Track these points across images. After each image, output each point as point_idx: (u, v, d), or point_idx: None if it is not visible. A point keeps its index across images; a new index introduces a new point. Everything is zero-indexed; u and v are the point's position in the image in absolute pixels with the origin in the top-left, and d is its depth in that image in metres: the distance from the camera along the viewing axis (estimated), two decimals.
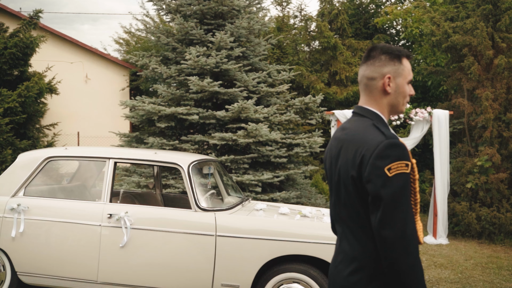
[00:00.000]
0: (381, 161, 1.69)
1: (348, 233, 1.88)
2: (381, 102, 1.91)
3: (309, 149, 8.36)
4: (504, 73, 8.10)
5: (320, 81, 12.83)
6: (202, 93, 8.03)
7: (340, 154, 1.88)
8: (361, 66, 1.96)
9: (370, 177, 1.70)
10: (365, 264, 1.79)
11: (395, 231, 1.66)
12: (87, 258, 4.21)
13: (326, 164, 2.03)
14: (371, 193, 1.71)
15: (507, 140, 8.06)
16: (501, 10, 8.29)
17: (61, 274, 4.24)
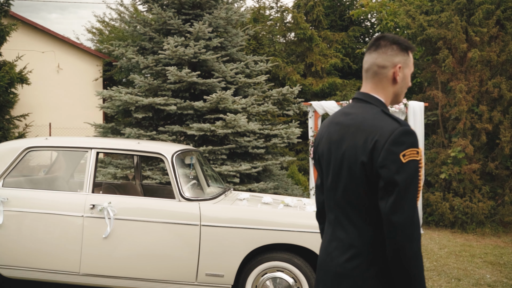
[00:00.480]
0: (396, 147, 1.72)
1: (344, 220, 1.88)
2: (387, 90, 1.94)
3: (286, 140, 8.40)
4: (477, 66, 8.30)
5: (296, 72, 12.88)
6: (179, 84, 7.97)
7: (344, 139, 1.87)
8: (370, 54, 1.95)
9: (385, 162, 1.72)
10: (363, 250, 1.81)
11: (405, 216, 1.69)
12: (69, 250, 4.15)
13: (321, 149, 2.00)
14: (384, 179, 1.72)
15: (480, 131, 8.27)
16: (474, 4, 8.47)
17: (42, 266, 4.17)
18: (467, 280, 5.51)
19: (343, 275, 1.84)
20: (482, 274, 5.78)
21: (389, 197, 1.71)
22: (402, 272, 1.71)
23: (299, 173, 10.93)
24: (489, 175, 8.53)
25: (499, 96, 8.23)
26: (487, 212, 8.02)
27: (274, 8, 15.10)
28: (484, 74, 8.34)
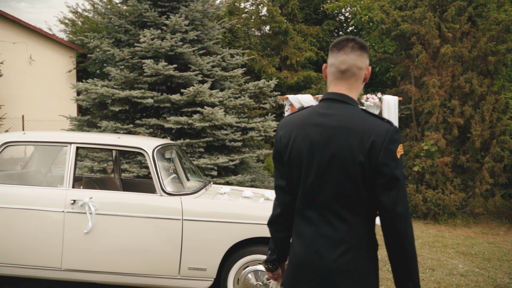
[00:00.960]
0: (393, 145, 1.85)
1: (331, 217, 1.92)
2: (358, 90, 2.04)
3: (263, 133, 8.47)
4: (450, 62, 8.49)
5: (271, 65, 12.93)
6: (156, 77, 7.93)
7: (332, 140, 1.91)
8: (348, 55, 2.00)
9: (386, 160, 1.83)
10: (355, 244, 1.90)
11: (405, 206, 1.86)
12: (50, 245, 4.12)
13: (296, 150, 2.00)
14: (387, 176, 1.83)
15: (452, 125, 8.49)
16: (447, 1, 8.65)
17: (23, 262, 4.12)
18: (441, 270, 5.69)
19: (337, 271, 1.90)
20: (455, 264, 5.96)
21: (392, 191, 1.84)
22: (406, 254, 1.88)
23: None
24: (461, 168, 8.77)
25: (471, 91, 8.45)
26: (458, 203, 8.26)
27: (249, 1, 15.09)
28: (456, 70, 8.54)
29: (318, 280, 1.94)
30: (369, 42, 12.42)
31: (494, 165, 8.29)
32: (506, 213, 9.45)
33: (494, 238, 7.48)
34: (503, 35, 8.45)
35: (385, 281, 5.28)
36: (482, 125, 8.32)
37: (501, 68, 8.50)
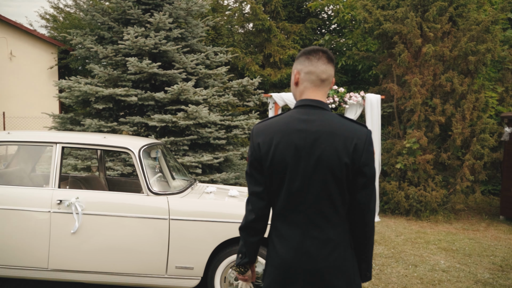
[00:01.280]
0: (371, 147, 2.05)
1: (318, 218, 2.02)
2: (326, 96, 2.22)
3: (247, 131, 8.50)
4: (431, 61, 8.61)
5: (254, 63, 12.95)
6: (140, 74, 7.90)
7: (317, 144, 2.00)
8: (326, 65, 2.15)
9: (367, 161, 2.02)
10: (340, 241, 2.04)
11: (374, 202, 2.10)
12: (36, 246, 4.10)
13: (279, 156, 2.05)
14: (367, 175, 2.03)
15: (433, 123, 8.62)
16: (429, 1, 8.76)
17: (9, 263, 4.09)
18: (423, 266, 5.79)
19: (328, 268, 2.02)
20: (437, 260, 6.08)
21: (367, 189, 2.05)
22: (371, 243, 2.15)
23: None
24: (442, 165, 8.92)
25: (452, 90, 8.59)
26: (440, 200, 8.41)
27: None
28: (438, 69, 8.67)
29: (310, 279, 2.02)
30: (352, 41, 12.51)
31: (474, 162, 8.44)
32: (486, 209, 9.65)
33: (475, 233, 7.64)
34: (483, 35, 8.60)
35: None
36: (463, 123, 8.46)
37: (481, 67, 8.65)
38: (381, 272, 5.54)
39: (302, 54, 2.19)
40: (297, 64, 2.20)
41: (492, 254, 6.44)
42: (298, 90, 2.19)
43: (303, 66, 2.17)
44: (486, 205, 10.18)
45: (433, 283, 5.20)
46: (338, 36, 14.06)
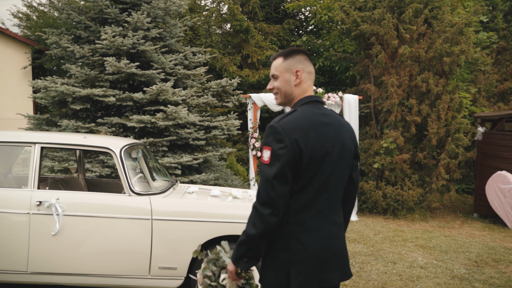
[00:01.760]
0: None
1: (336, 204, 2.28)
2: None
3: (227, 132, 8.50)
4: (407, 62, 8.76)
5: (232, 63, 12.95)
6: (118, 75, 7.82)
7: (339, 136, 2.24)
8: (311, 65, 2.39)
9: (357, 147, 2.39)
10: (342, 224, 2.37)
11: None
12: (15, 249, 4.02)
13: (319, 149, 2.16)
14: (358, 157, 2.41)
15: (410, 124, 8.77)
16: (405, 3, 8.91)
17: None
18: (402, 263, 5.89)
19: (343, 248, 2.31)
20: (415, 257, 6.19)
21: (357, 169, 2.42)
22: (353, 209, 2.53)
23: (237, 164, 11.06)
24: (418, 165, 9.08)
25: (427, 90, 8.75)
26: (416, 199, 8.56)
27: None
28: (414, 70, 8.82)
29: (337, 262, 2.23)
30: (329, 42, 12.62)
31: (449, 161, 8.62)
32: (460, 207, 9.86)
33: (450, 231, 7.80)
34: (457, 37, 8.79)
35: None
36: (438, 123, 8.63)
37: (455, 68, 8.84)
38: (361, 269, 5.61)
39: (300, 53, 2.33)
40: (296, 63, 2.30)
41: (467, 251, 6.59)
42: (301, 88, 2.33)
43: (304, 66, 2.33)
44: (460, 203, 10.40)
45: (412, 280, 5.30)
46: (315, 37, 14.16)
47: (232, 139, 12.96)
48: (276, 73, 2.34)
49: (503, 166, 8.46)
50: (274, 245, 2.18)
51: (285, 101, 2.38)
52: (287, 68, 2.31)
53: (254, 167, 9.13)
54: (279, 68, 2.33)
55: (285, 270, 2.15)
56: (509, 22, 11.83)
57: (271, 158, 2.11)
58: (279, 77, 2.33)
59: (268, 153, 2.13)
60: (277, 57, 2.37)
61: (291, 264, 2.15)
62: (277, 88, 2.35)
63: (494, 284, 5.23)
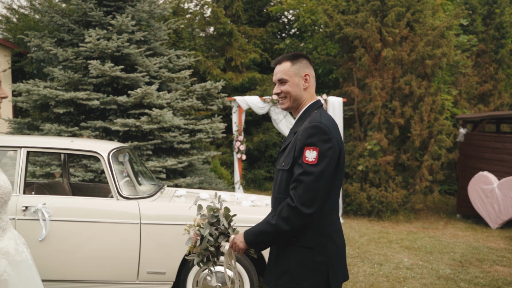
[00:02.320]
0: None
1: None
2: None
3: (211, 135, 8.48)
4: (391, 65, 8.86)
5: (216, 67, 12.94)
6: (102, 78, 7.75)
7: None
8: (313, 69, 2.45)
9: None
10: None
11: None
12: None
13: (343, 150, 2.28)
14: None
15: (393, 126, 8.86)
16: (387, 6, 9.01)
17: None
18: (388, 264, 5.94)
19: None
20: (400, 258, 6.25)
21: None
22: None
23: (221, 167, 11.04)
24: (402, 166, 9.17)
25: (410, 92, 8.86)
26: (400, 200, 8.64)
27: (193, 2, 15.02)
28: (397, 72, 8.92)
29: None
30: (312, 45, 12.69)
31: (432, 163, 8.73)
32: (443, 208, 9.98)
33: (434, 232, 7.89)
34: (439, 40, 8.91)
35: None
36: (421, 125, 8.74)
37: (437, 71, 8.97)
38: (348, 272, 5.63)
39: (305, 58, 2.39)
40: (304, 68, 2.36)
41: (451, 251, 6.67)
42: (309, 92, 2.39)
43: (310, 71, 2.40)
44: (443, 204, 10.53)
45: (399, 281, 5.34)
46: (298, 40, 14.23)
47: (216, 142, 12.94)
48: (286, 77, 2.33)
49: (485, 166, 8.60)
50: (310, 250, 2.19)
51: (293, 106, 2.38)
52: (296, 72, 2.33)
53: (239, 171, 9.13)
54: (289, 72, 2.33)
55: (323, 273, 2.20)
56: (488, 25, 12.03)
57: (318, 159, 2.13)
58: (289, 81, 2.33)
59: (315, 154, 2.13)
60: (284, 61, 2.37)
61: (329, 266, 2.20)
62: (286, 92, 2.35)
63: (479, 283, 5.31)
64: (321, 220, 2.19)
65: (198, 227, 2.38)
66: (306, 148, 2.14)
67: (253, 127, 13.10)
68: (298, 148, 2.18)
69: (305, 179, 2.11)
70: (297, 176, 2.15)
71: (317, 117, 2.22)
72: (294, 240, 2.21)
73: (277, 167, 2.37)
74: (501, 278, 5.51)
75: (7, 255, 1.93)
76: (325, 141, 2.14)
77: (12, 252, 1.94)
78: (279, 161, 2.38)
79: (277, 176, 2.35)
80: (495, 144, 8.61)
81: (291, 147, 2.26)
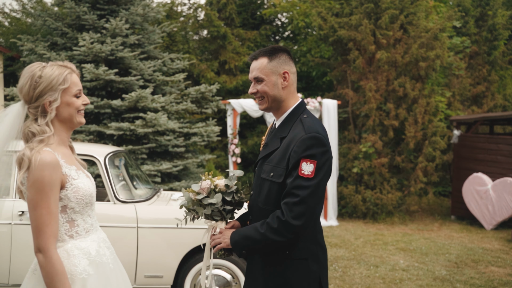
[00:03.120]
0: None
1: None
2: None
3: (206, 138, 8.47)
4: (384, 67, 8.89)
5: (210, 70, 12.93)
6: (96, 81, 7.73)
7: None
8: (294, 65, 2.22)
9: None
10: None
11: None
12: None
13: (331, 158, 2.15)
14: None
15: (387, 128, 8.89)
16: (381, 9, 9.05)
17: None
18: (384, 266, 5.95)
19: None
20: (396, 260, 6.26)
21: None
22: None
23: (216, 171, 11.02)
24: (396, 168, 9.20)
25: (404, 94, 8.90)
26: (395, 202, 8.66)
27: (186, 5, 15.01)
28: (391, 74, 8.96)
29: None
30: (306, 47, 12.72)
31: (427, 164, 8.76)
32: (438, 210, 10.02)
33: (429, 233, 7.91)
34: (432, 42, 8.96)
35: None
36: (415, 127, 8.77)
37: (431, 73, 9.02)
38: (345, 274, 5.64)
39: (285, 52, 2.15)
40: (283, 64, 2.13)
41: (447, 252, 6.69)
42: (289, 91, 2.17)
43: (290, 67, 2.16)
44: (437, 206, 10.56)
45: (395, 282, 5.35)
46: (292, 43, 14.25)
47: (210, 145, 12.92)
48: (262, 76, 2.11)
49: (479, 168, 8.64)
50: (305, 261, 2.08)
51: (272, 106, 2.16)
52: (274, 70, 2.11)
53: None
54: (265, 70, 2.11)
55: (317, 280, 2.11)
56: (481, 27, 12.12)
57: (315, 172, 1.98)
58: (265, 80, 2.11)
59: (312, 167, 1.97)
60: (260, 57, 2.14)
61: (320, 272, 2.12)
62: (262, 92, 2.13)
63: (474, 284, 5.33)
64: (313, 230, 2.10)
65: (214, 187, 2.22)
66: (302, 161, 1.97)
67: (247, 130, 13.09)
68: (293, 160, 2.00)
69: (300, 193, 1.96)
70: (291, 189, 1.99)
71: (312, 126, 2.05)
72: (288, 252, 2.08)
73: (262, 176, 2.15)
74: (497, 279, 5.53)
75: (89, 256, 1.98)
76: (323, 153, 2.00)
77: (94, 253, 2.00)
78: (263, 169, 2.16)
79: (263, 185, 2.14)
80: (488, 145, 8.66)
81: (281, 156, 2.07)
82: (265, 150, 2.21)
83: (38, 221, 1.85)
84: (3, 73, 13.71)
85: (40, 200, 1.84)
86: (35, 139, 1.94)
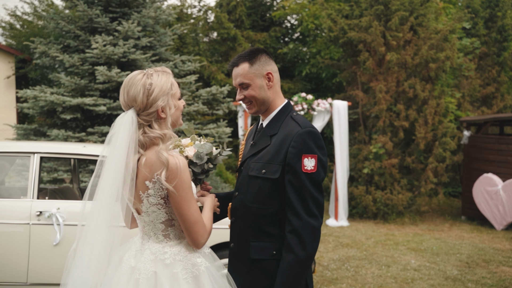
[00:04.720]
0: None
1: None
2: None
3: (218, 139, 8.53)
4: (395, 68, 8.92)
5: (220, 71, 13.01)
6: (108, 84, 7.83)
7: None
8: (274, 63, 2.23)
9: None
10: None
11: None
12: (15, 260, 3.99)
13: None
14: None
15: (398, 129, 8.92)
16: (391, 11, 9.08)
17: None
18: (395, 266, 5.98)
19: None
20: (407, 260, 6.29)
21: None
22: None
23: (226, 172, 11.09)
24: (406, 169, 9.22)
25: (414, 95, 8.92)
26: (405, 203, 8.69)
27: (196, 7, 15.12)
28: (401, 76, 8.98)
29: None
30: (315, 49, 12.76)
31: (437, 165, 8.78)
32: (448, 210, 10.02)
33: (440, 234, 7.93)
34: (442, 44, 8.98)
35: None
36: (426, 128, 8.79)
37: (441, 74, 9.04)
38: (357, 273, 5.68)
39: (263, 53, 2.18)
40: (264, 65, 2.15)
41: (458, 252, 6.71)
42: (275, 91, 2.20)
43: (272, 66, 2.18)
44: (447, 206, 10.56)
45: (407, 282, 5.38)
46: (301, 45, 14.30)
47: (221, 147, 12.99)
48: (246, 81, 2.12)
49: (489, 168, 8.64)
50: None
51: (261, 109, 2.19)
52: (257, 73, 2.12)
53: None
54: (249, 75, 2.12)
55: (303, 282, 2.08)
56: (490, 28, 12.09)
57: (317, 166, 2.02)
58: (251, 85, 2.13)
59: (314, 161, 2.01)
60: (241, 63, 2.15)
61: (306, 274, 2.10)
62: (250, 97, 2.15)
63: (486, 284, 5.35)
64: None
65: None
66: (304, 156, 2.00)
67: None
68: (293, 156, 2.02)
69: (310, 189, 1.99)
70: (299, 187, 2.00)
71: (306, 122, 2.11)
72: (275, 253, 2.07)
73: (251, 174, 2.13)
74: (508, 279, 5.55)
75: (204, 255, 2.08)
76: (321, 147, 2.05)
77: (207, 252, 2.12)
78: (251, 167, 2.15)
79: (251, 183, 2.13)
80: (499, 146, 8.66)
81: (274, 152, 2.08)
82: (253, 148, 2.22)
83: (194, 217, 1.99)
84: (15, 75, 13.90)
85: (191, 197, 1.97)
86: (162, 143, 2.01)
